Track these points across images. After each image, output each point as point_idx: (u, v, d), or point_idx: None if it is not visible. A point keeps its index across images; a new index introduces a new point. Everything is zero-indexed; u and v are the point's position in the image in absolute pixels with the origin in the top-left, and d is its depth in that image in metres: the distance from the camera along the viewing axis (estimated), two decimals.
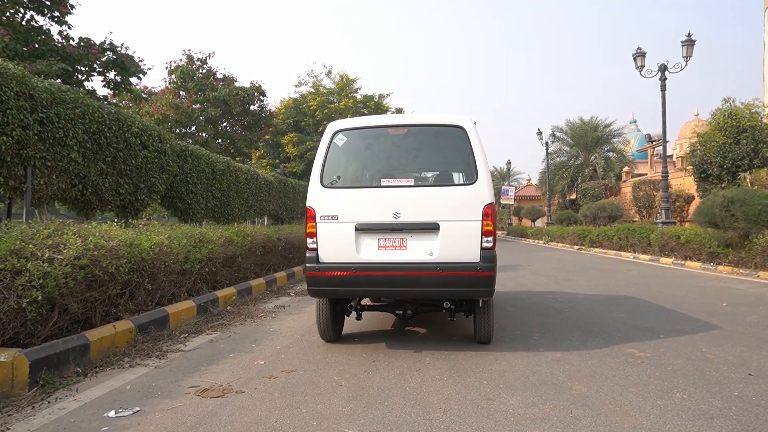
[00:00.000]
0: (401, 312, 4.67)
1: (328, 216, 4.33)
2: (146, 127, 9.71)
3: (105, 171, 8.44)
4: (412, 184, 4.49)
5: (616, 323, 5.24)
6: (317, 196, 4.42)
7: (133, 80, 12.48)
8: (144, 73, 11.33)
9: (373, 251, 4.25)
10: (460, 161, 4.55)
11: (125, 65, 10.38)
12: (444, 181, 4.75)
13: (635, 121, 52.42)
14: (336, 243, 4.29)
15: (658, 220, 15.07)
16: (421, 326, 5.33)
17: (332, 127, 4.67)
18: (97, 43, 10.00)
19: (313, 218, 4.36)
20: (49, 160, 7.17)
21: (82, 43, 9.83)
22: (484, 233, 4.11)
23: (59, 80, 10.29)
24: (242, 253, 7.67)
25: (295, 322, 5.55)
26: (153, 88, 20.04)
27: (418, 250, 4.20)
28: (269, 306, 6.66)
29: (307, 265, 4.34)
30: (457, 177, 4.69)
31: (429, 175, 5.06)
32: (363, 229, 4.27)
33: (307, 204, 4.45)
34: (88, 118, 7.91)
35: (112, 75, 11.01)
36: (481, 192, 4.19)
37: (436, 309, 4.75)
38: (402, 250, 4.23)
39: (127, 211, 9.68)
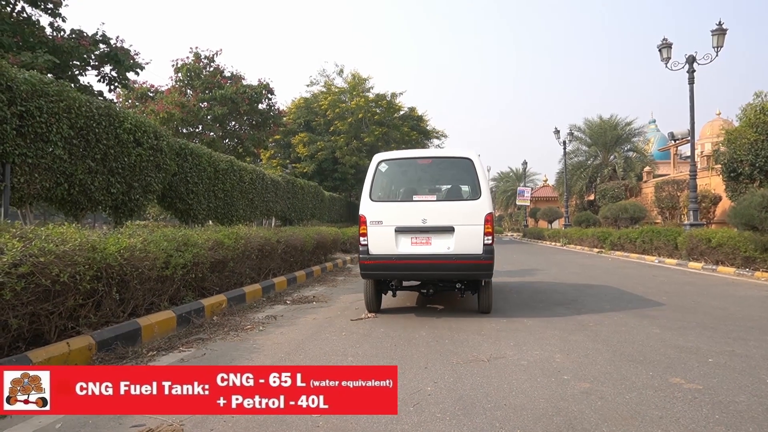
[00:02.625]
0: (425, 291, 6.46)
1: (375, 221, 5.88)
2: (140, 123, 9.20)
3: (94, 169, 7.94)
4: (435, 199, 6.17)
5: (653, 341, 4.51)
6: (367, 207, 5.96)
7: (133, 76, 12.02)
8: (141, 68, 10.84)
9: (407, 246, 5.83)
10: (468, 183, 6.14)
11: (119, 58, 9.87)
12: (457, 196, 6.27)
13: (654, 121, 51.09)
14: (381, 240, 5.84)
15: (685, 222, 14.15)
16: (440, 303, 7.03)
17: (377, 157, 6.34)
18: (89, 35, 9.53)
19: (365, 223, 5.91)
20: (30, 157, 6.67)
21: (73, 35, 9.36)
22: (486, 234, 5.67)
23: (50, 74, 9.85)
24: (234, 257, 7.07)
25: (283, 336, 4.92)
26: (159, 86, 19.68)
27: (439, 246, 5.77)
28: (260, 316, 6.04)
29: (361, 255, 5.92)
30: (466, 194, 6.17)
31: (446, 192, 6.57)
32: (400, 230, 5.84)
33: (360, 213, 5.98)
34: (74, 112, 7.41)
35: (107, 69, 10.54)
36: (483, 205, 5.77)
37: (450, 288, 6.42)
38: (428, 245, 5.80)
39: (120, 212, 9.18)
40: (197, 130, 19.57)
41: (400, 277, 6.27)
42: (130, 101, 19.30)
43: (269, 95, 20.30)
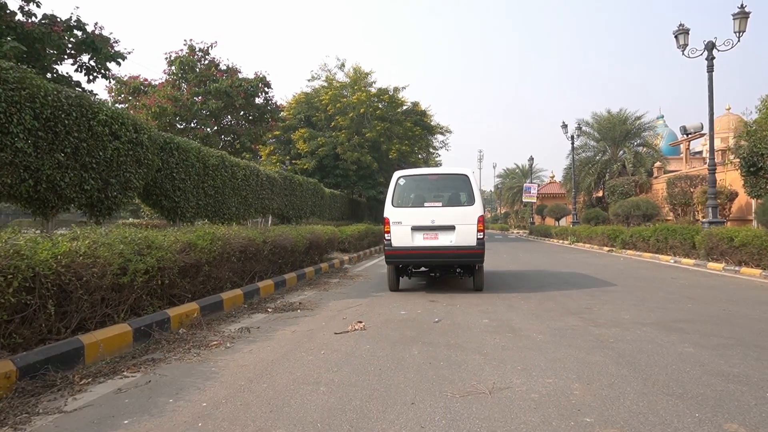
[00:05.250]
0: (433, 274, 8.56)
1: (396, 222, 7.67)
2: (117, 114, 8.52)
3: (64, 164, 7.28)
4: (441, 205, 7.86)
5: (690, 366, 3.76)
6: (390, 211, 7.79)
7: (124, 69, 11.32)
8: (123, 57, 10.12)
9: (420, 240, 7.60)
10: (465, 192, 7.87)
11: (96, 46, 9.14)
12: (457, 203, 7.96)
13: (662, 116, 49.84)
14: (400, 236, 7.63)
15: (703, 220, 13.32)
16: (444, 284, 9.09)
17: (397, 174, 8.23)
18: (63, 20, 8.82)
19: (389, 223, 7.71)
20: None
21: (44, 21, 8.66)
22: (478, 230, 7.47)
23: (25, 65, 9.17)
24: (210, 260, 6.37)
25: (251, 356, 4.21)
26: (153, 80, 19.02)
27: (444, 240, 7.54)
28: (233, 328, 5.34)
29: (385, 247, 7.78)
30: (464, 201, 7.85)
31: (449, 200, 8.19)
32: (415, 228, 7.62)
33: (385, 216, 7.79)
34: (39, 101, 6.74)
35: (85, 58, 9.84)
36: (476, 209, 7.61)
37: (452, 272, 8.32)
38: (436, 239, 7.56)
39: (96, 210, 8.51)
40: (192, 126, 18.88)
41: (415, 263, 8.16)
42: (122, 96, 18.68)
43: (266, 88, 19.54)
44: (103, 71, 10.08)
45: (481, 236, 7.46)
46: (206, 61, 19.26)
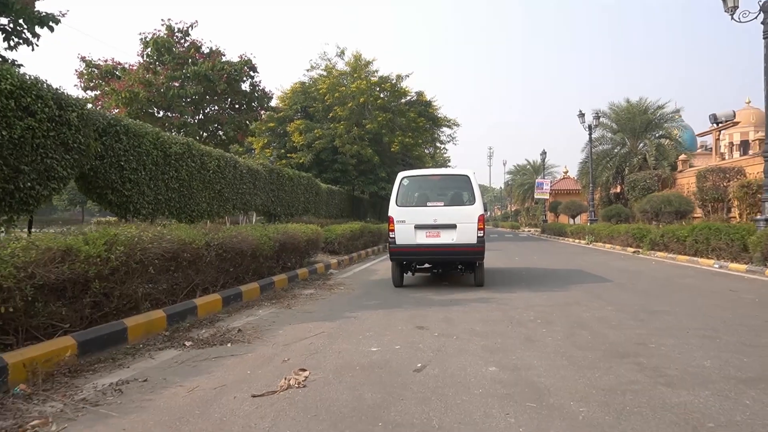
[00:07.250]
0: (436, 270, 9.16)
1: (400, 220, 8.18)
2: (29, 85, 6.72)
3: None
4: (443, 204, 8.38)
5: None
6: (394, 210, 8.29)
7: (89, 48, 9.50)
8: (56, 21, 8.34)
9: (423, 238, 8.10)
10: (467, 192, 8.37)
11: (6, 1, 7.37)
12: (458, 202, 8.39)
13: (679, 110, 47.18)
14: (404, 234, 8.12)
15: (759, 217, 11.25)
16: (447, 280, 9.24)
17: (401, 174, 8.74)
18: None
19: (393, 222, 8.20)
20: None
21: None
22: (478, 229, 7.95)
23: None
24: (107, 273, 4.54)
25: None
26: (128, 63, 17.28)
27: (446, 238, 8.02)
28: (102, 382, 3.47)
29: (390, 245, 8.29)
30: (465, 200, 8.32)
31: (450, 199, 8.62)
32: (418, 227, 8.10)
33: (389, 214, 8.30)
34: None
35: (4, 21, 8.07)
36: (477, 209, 8.06)
37: (454, 269, 8.95)
38: (438, 237, 8.06)
39: (5, 205, 6.73)
40: (168, 114, 17.12)
41: (418, 260, 8.55)
42: (94, 81, 16.99)
43: (252, 73, 17.72)
44: (25, 36, 8.31)
45: (481, 234, 7.89)
46: (186, 43, 17.49)
